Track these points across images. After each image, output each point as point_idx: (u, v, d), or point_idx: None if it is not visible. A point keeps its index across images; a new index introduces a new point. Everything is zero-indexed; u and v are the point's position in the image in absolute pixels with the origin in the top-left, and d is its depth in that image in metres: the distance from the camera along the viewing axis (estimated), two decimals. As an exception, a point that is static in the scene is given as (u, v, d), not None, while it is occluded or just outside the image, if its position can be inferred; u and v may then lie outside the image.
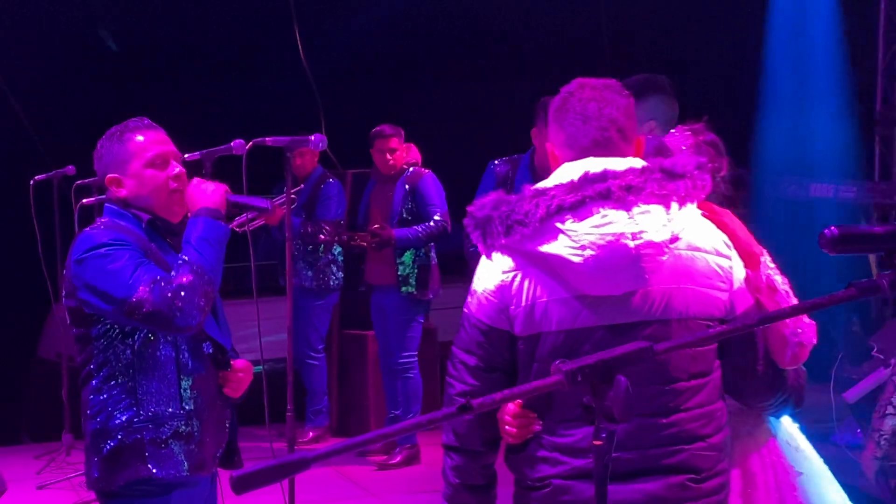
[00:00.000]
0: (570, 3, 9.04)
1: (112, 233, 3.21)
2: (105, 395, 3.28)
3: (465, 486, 2.77)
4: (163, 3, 8.45)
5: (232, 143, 4.60)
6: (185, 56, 8.50)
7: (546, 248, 2.57)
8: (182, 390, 3.33)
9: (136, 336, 3.25)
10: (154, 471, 3.27)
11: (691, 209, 2.62)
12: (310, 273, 7.06)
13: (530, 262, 2.62)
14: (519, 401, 2.65)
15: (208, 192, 3.29)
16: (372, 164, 6.84)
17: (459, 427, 2.70)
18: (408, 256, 6.71)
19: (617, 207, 2.54)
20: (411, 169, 6.68)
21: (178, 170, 3.30)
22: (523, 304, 2.62)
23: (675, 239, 2.57)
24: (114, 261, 3.14)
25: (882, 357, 5.82)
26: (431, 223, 6.55)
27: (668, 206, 2.58)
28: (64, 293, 3.31)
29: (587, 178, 2.55)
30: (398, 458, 6.71)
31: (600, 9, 8.53)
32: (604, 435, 1.80)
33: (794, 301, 2.88)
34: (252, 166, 4.54)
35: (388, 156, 6.65)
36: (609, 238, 2.52)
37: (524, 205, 2.58)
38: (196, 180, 3.32)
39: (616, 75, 2.87)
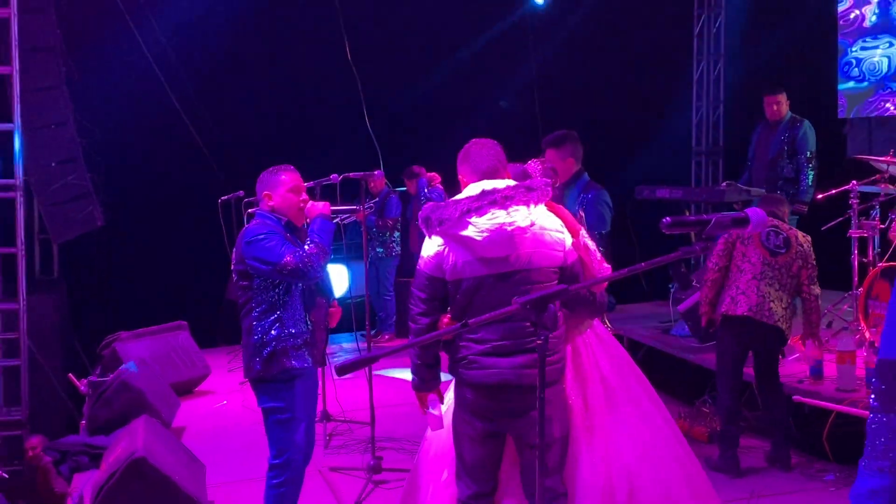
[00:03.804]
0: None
1: (266, 227, 4.32)
2: (263, 322, 4.32)
3: (423, 364, 3.81)
4: (270, 86, 10.98)
5: (331, 176, 6.26)
6: (298, 123, 10.97)
7: (462, 232, 3.62)
8: (306, 318, 4.39)
9: (280, 286, 4.32)
10: (295, 363, 4.33)
11: (541, 207, 3.70)
12: (381, 247, 10.12)
13: (453, 240, 3.65)
14: (449, 315, 3.63)
15: (319, 206, 4.48)
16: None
17: (419, 333, 3.65)
18: None
19: (500, 208, 3.63)
20: (426, 189, 8.72)
21: (304, 197, 4.49)
22: (450, 263, 3.64)
23: (532, 224, 3.65)
24: (269, 241, 4.22)
25: (698, 285, 7.37)
26: None
27: (528, 206, 3.64)
28: (234, 262, 4.37)
29: (484, 193, 3.67)
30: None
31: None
32: (542, 337, 2.45)
33: (599, 256, 3.85)
34: (342, 189, 6.27)
35: (409, 186, 9.61)
36: (496, 225, 3.60)
37: (448, 210, 3.64)
38: (311, 202, 4.51)
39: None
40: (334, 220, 4.76)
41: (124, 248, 10.91)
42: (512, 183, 3.71)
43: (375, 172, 6.80)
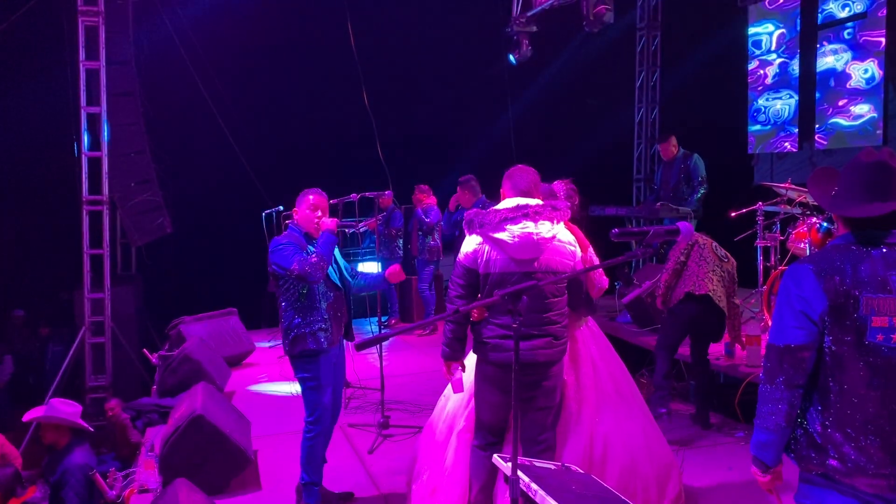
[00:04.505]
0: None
1: (287, 238, 4.32)
2: (289, 312, 4.36)
3: (455, 338, 3.66)
4: (304, 124, 11.12)
5: (351, 195, 6.05)
6: (326, 152, 11.08)
7: (498, 235, 3.51)
8: (322, 309, 4.38)
9: (300, 285, 4.28)
10: (312, 346, 4.33)
11: (562, 224, 3.58)
12: (387, 251, 9.66)
13: (490, 240, 3.54)
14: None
15: (328, 223, 4.41)
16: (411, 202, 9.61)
17: (456, 313, 3.52)
18: (427, 240, 9.00)
19: (531, 220, 3.49)
20: (423, 215, 8.95)
21: (318, 214, 4.40)
22: (484, 258, 3.52)
23: (554, 237, 3.51)
24: (285, 250, 4.23)
25: (638, 283, 7.55)
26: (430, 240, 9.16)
27: (552, 222, 3.52)
28: (268, 265, 4.37)
29: (518, 207, 3.55)
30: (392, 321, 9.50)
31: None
32: (517, 321, 2.52)
33: (599, 266, 3.68)
34: (360, 205, 6.28)
35: (416, 201, 9.27)
36: (525, 233, 3.48)
37: (489, 216, 3.55)
38: (324, 218, 4.42)
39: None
40: (353, 230, 4.76)
41: (188, 250, 10.94)
42: (539, 201, 3.65)
43: (385, 193, 6.43)
